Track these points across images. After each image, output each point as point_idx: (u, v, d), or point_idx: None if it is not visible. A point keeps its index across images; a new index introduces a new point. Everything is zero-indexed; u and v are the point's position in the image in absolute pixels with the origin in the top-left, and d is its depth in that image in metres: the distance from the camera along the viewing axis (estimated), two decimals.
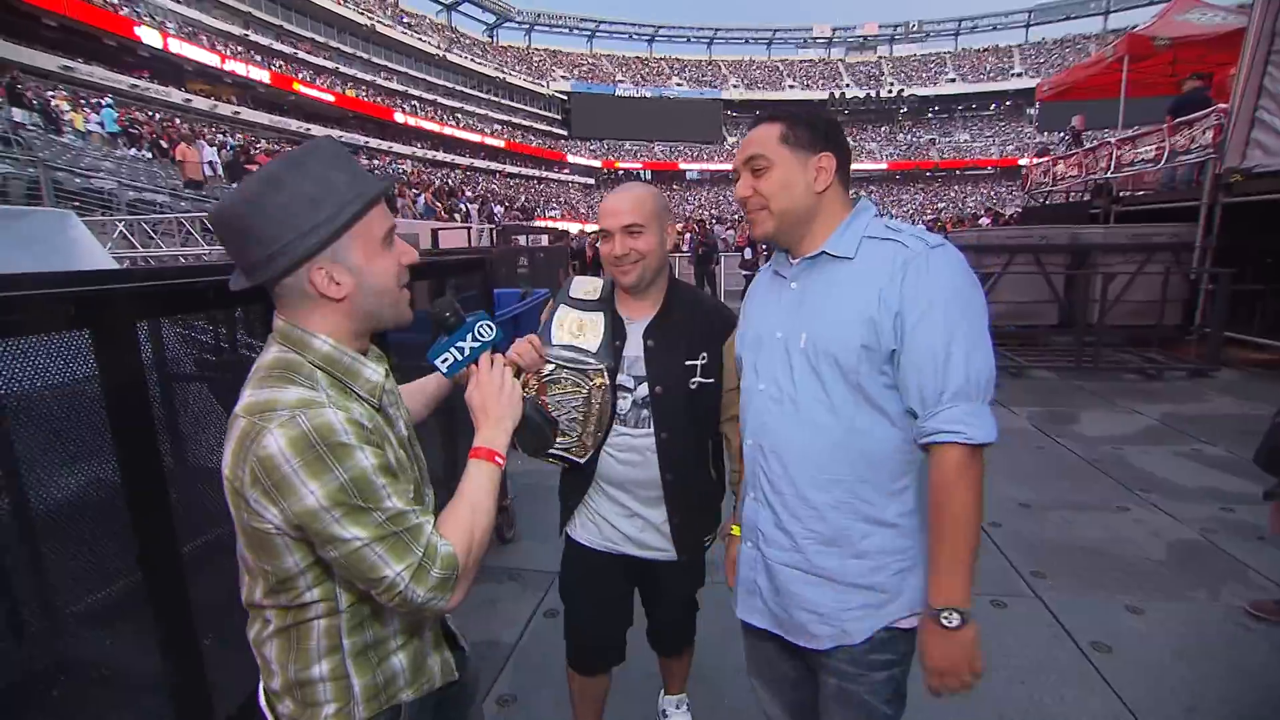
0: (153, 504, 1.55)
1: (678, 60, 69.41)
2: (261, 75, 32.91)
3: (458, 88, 49.66)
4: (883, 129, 65.34)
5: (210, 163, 14.27)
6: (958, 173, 59.30)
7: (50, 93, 18.73)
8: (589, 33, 67.29)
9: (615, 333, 1.54)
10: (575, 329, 1.53)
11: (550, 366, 1.49)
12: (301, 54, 36.58)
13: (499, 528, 3.39)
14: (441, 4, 54.40)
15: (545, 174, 55.47)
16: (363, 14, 40.93)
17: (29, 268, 3.57)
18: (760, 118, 1.24)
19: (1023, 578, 3.00)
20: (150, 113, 22.76)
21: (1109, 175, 10.00)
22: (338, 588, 0.96)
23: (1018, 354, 7.59)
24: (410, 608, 0.91)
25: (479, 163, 47.90)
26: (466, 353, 1.08)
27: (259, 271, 0.89)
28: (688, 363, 1.53)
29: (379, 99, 41.54)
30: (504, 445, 1.07)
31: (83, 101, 19.04)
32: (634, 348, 1.54)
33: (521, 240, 12.19)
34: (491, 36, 61.62)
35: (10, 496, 1.72)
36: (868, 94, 63.94)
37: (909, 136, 64.33)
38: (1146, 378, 6.85)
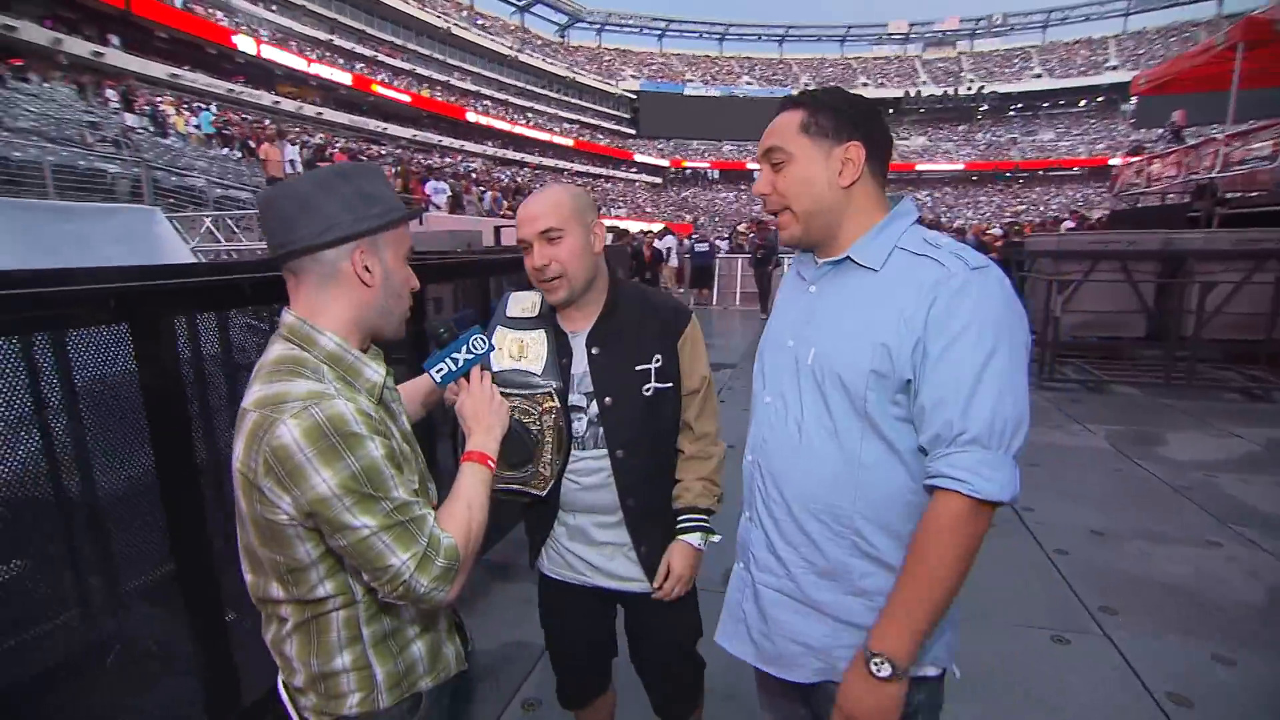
0: (185, 493, 1.59)
1: (748, 59, 68.66)
2: (344, 78, 34.56)
3: (529, 87, 50.68)
4: (960, 128, 62.65)
5: (291, 161, 15.09)
6: (1041, 173, 56.05)
7: (158, 98, 20.29)
8: (659, 32, 67.41)
9: (560, 349, 1.40)
10: (515, 351, 1.40)
11: None
12: (381, 56, 38.17)
13: None
14: (515, 5, 55.68)
15: (612, 172, 56.00)
16: (440, 17, 42.38)
17: (118, 261, 3.82)
18: (782, 103, 1.10)
19: (1090, 613, 2.76)
20: (244, 115, 24.28)
21: (1214, 175, 9.17)
22: (350, 578, 0.98)
23: (1098, 367, 7.08)
24: (412, 598, 0.94)
25: (548, 161, 48.76)
26: (460, 364, 1.15)
27: (307, 240, 0.95)
28: (639, 368, 1.39)
29: (453, 99, 42.89)
30: (495, 451, 1.13)
31: (185, 106, 20.51)
32: (581, 362, 1.40)
33: None
34: (563, 36, 62.66)
35: (72, 480, 1.82)
36: (945, 91, 61.39)
37: (988, 135, 61.36)
38: (1250, 398, 6.25)
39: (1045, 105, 60.46)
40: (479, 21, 49.32)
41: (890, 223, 1.08)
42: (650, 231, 15.05)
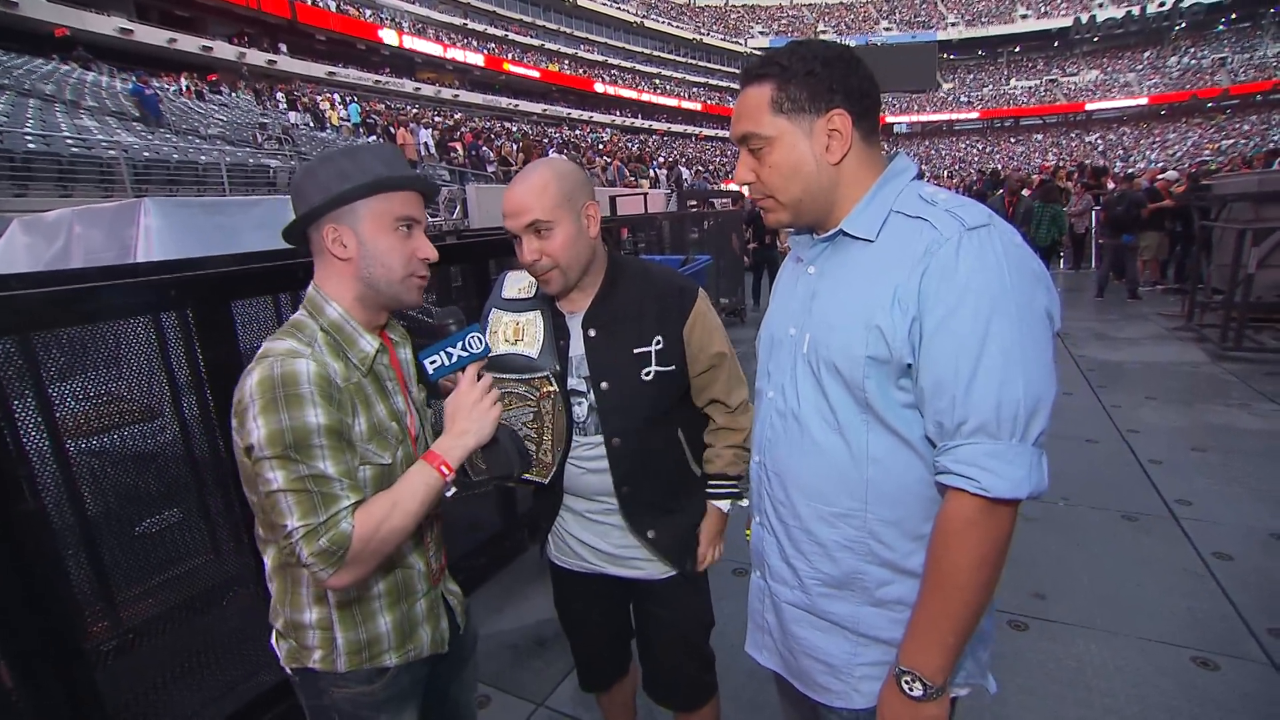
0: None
1: (886, 1, 63.20)
2: (477, 59, 36.45)
3: (655, 53, 50.46)
4: (1145, 54, 53.82)
5: (425, 144, 16.12)
6: (1259, 98, 46.49)
7: (318, 96, 22.55)
8: None
9: (557, 331, 1.34)
10: (511, 334, 1.35)
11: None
12: (511, 35, 39.66)
13: None
14: None
15: None
16: None
17: (259, 247, 4.27)
18: (746, 74, 0.98)
19: (1254, 634, 2.29)
20: (388, 103, 26.35)
21: None
22: None
23: None
24: (298, 564, 0.96)
25: (676, 127, 48.48)
26: (454, 359, 1.11)
27: (296, 223, 1.05)
28: (637, 351, 1.31)
29: (580, 71, 43.68)
30: (458, 459, 1.08)
31: (338, 100, 22.65)
32: (578, 344, 1.34)
33: (711, 205, 11.88)
34: None
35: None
36: (1127, 12, 52.70)
37: (1185, 59, 52.11)
38: None
39: (1274, 10, 49.00)
40: None
41: (883, 185, 0.97)
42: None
